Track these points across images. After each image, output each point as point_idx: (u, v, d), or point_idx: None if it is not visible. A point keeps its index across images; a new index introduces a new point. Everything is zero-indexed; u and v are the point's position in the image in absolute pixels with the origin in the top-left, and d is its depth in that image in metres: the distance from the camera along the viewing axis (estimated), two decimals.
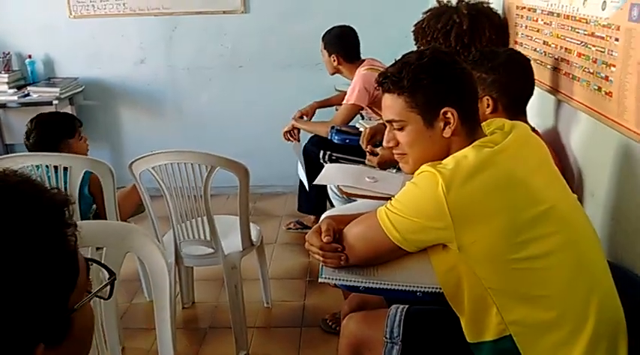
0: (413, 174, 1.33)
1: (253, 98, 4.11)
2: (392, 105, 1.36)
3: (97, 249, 1.60)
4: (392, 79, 1.34)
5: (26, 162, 2.24)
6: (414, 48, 2.40)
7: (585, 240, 1.31)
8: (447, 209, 1.19)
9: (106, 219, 2.41)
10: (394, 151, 1.44)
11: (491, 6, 2.36)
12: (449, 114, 1.31)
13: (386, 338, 1.49)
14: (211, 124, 4.14)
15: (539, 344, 1.25)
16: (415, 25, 2.38)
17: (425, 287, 1.40)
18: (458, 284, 1.30)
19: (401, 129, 1.37)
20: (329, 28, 3.22)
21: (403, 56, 1.39)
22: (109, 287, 0.75)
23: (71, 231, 0.63)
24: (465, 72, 1.38)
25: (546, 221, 1.23)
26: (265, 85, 4.08)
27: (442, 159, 1.28)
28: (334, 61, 3.19)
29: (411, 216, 1.25)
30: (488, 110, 1.78)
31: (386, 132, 1.42)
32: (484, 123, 1.45)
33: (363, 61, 3.19)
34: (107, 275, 0.77)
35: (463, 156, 1.24)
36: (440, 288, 1.40)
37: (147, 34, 4.07)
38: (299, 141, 3.34)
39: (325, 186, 2.86)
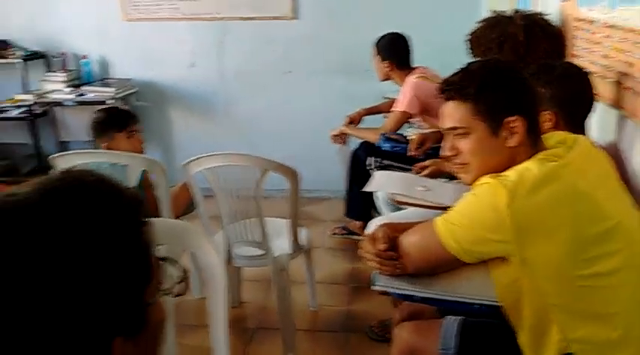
0: (471, 184, 1.32)
1: (302, 103, 4.15)
2: (454, 112, 1.35)
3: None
4: (456, 86, 1.33)
5: (85, 160, 2.32)
6: (464, 57, 2.40)
7: None
8: (509, 221, 1.17)
9: (156, 215, 2.48)
10: (454, 161, 1.41)
11: (548, 17, 2.34)
12: (514, 124, 1.30)
13: (441, 350, 1.47)
14: (260, 128, 4.20)
15: None
16: (469, 34, 2.38)
17: (484, 300, 1.40)
18: (518, 299, 1.29)
19: (463, 137, 1.35)
20: (382, 34, 3.23)
21: (466, 65, 1.39)
22: (183, 283, 0.77)
23: (146, 228, 0.65)
24: (529, 82, 1.38)
25: (613, 237, 1.21)
26: (314, 90, 4.12)
27: (503, 171, 1.26)
28: (387, 66, 3.19)
29: (470, 227, 1.24)
30: (549, 125, 1.75)
31: (445, 142, 1.40)
32: (544, 136, 1.45)
33: (415, 68, 3.19)
34: (177, 273, 0.78)
35: (526, 169, 1.22)
36: (498, 302, 1.40)
37: (199, 38, 4.16)
38: (345, 144, 3.37)
39: (372, 193, 2.87)
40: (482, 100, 1.31)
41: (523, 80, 1.35)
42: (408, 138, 2.79)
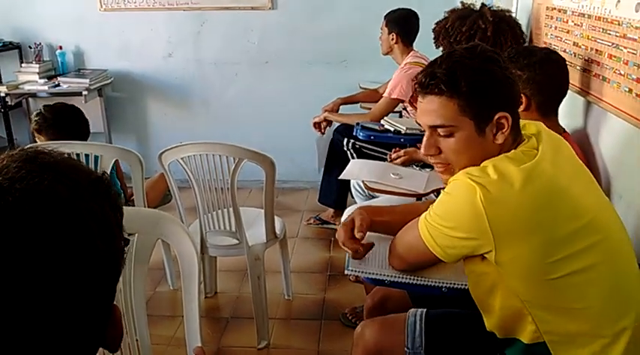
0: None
1: (278, 94, 4.14)
2: (439, 109, 1.23)
3: (129, 234, 1.63)
4: (444, 80, 1.21)
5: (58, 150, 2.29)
6: (433, 47, 2.42)
7: (621, 248, 1.27)
8: (488, 224, 1.14)
9: (132, 203, 2.47)
10: (433, 160, 1.32)
11: (514, 17, 2.37)
12: (503, 120, 1.22)
13: (407, 348, 1.46)
14: (237, 119, 4.18)
15: (573, 352, 1.23)
16: (437, 23, 2.39)
17: (451, 283, 1.42)
18: (490, 291, 1.28)
19: (448, 135, 1.25)
20: (394, 8, 3.23)
21: (448, 54, 1.27)
22: None
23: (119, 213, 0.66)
24: (513, 74, 1.29)
25: (586, 234, 1.18)
26: (291, 81, 4.11)
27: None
28: (392, 39, 3.18)
29: (450, 232, 1.20)
30: (521, 108, 1.77)
31: (425, 139, 1.29)
32: None
33: (411, 50, 3.20)
34: None
35: (505, 169, 1.17)
36: (465, 285, 1.41)
37: (175, 28, 4.12)
38: (324, 134, 3.37)
39: (348, 182, 2.88)
40: (473, 97, 1.21)
41: (509, 73, 1.27)
42: (385, 127, 2.80)
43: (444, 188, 1.28)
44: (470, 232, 1.18)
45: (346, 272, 1.48)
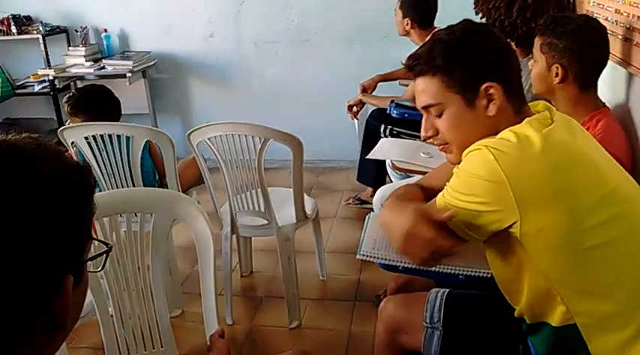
0: (459, 164, 1.19)
1: (319, 72, 4.09)
2: (426, 88, 1.23)
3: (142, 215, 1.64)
4: (424, 58, 1.22)
5: (90, 132, 2.33)
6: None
7: None
8: (511, 191, 1.07)
9: (166, 182, 2.50)
10: (435, 142, 1.30)
11: None
12: (491, 90, 1.18)
13: (426, 322, 1.44)
14: (278, 98, 4.17)
15: (606, 336, 1.15)
16: None
17: (468, 271, 1.36)
18: (517, 274, 1.20)
19: (440, 115, 1.24)
20: None
21: (432, 35, 1.27)
22: (103, 259, 0.77)
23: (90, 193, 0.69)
24: (503, 43, 1.25)
25: (612, 203, 1.12)
26: (331, 58, 4.05)
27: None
28: (407, 24, 3.09)
29: (473, 206, 1.12)
30: (557, 79, 1.66)
31: (423, 121, 1.29)
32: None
33: (434, 29, 3.08)
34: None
35: (523, 134, 1.12)
36: (483, 272, 1.34)
37: (216, 8, 4.13)
38: (358, 118, 3.31)
39: (384, 161, 2.82)
40: (454, 70, 1.19)
41: (495, 41, 1.23)
42: None
43: None
44: (492, 203, 1.10)
45: (358, 256, 1.43)
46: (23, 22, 4.20)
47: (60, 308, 0.63)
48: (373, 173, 3.27)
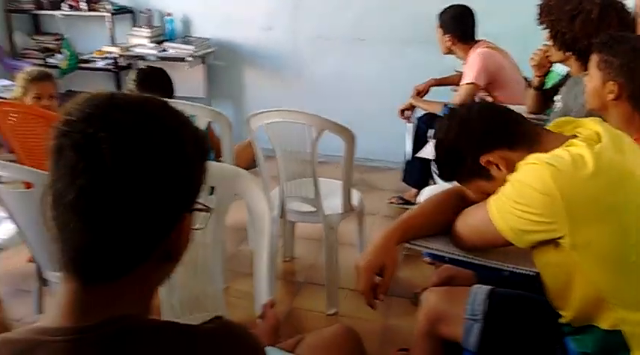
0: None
1: (372, 72, 4.15)
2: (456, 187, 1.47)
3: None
4: (439, 173, 1.49)
5: None
6: (539, 31, 2.33)
7: None
8: (563, 205, 1.13)
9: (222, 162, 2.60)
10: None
11: (625, 3, 2.23)
12: (490, 158, 1.30)
13: (467, 315, 1.48)
14: (329, 94, 4.23)
15: None
16: (542, 0, 2.31)
17: (514, 267, 1.39)
18: (567, 282, 1.25)
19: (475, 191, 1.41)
20: (446, 7, 3.18)
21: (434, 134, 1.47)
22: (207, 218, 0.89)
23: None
24: (475, 120, 1.36)
25: None
26: (386, 59, 4.11)
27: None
28: (448, 40, 3.15)
29: (524, 215, 1.18)
30: (611, 96, 1.69)
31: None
32: (553, 124, 1.40)
33: (479, 41, 3.13)
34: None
35: (577, 153, 1.17)
36: (527, 270, 1.38)
37: (276, 1, 4.23)
38: (410, 121, 3.37)
39: (429, 162, 2.87)
40: (459, 175, 1.40)
41: (469, 124, 1.36)
42: None
43: None
44: (544, 215, 1.16)
45: (406, 245, 1.49)
46: (92, 0, 4.38)
47: (176, 239, 0.76)
48: (418, 174, 3.31)
